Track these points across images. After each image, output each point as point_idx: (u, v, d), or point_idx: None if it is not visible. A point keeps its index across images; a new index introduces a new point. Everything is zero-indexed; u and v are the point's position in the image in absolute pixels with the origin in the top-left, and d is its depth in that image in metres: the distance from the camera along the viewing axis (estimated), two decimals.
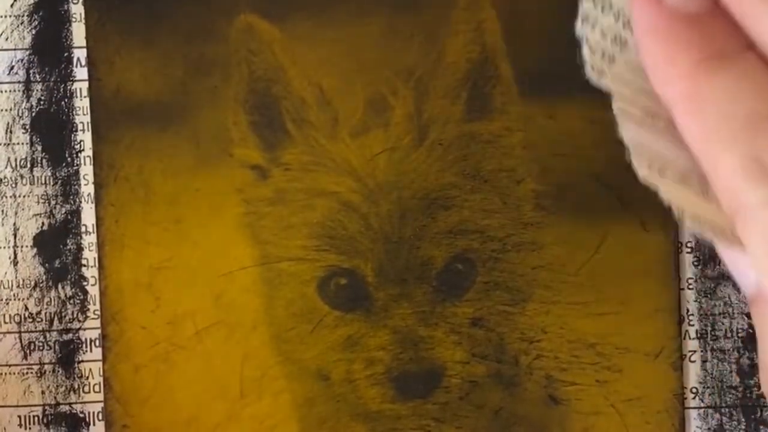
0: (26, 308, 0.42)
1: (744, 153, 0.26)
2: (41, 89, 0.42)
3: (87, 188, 0.42)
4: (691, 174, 0.28)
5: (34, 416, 0.41)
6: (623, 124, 0.29)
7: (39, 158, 0.42)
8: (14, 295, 0.42)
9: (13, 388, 0.41)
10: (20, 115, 0.42)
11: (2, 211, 0.42)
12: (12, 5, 0.42)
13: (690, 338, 0.42)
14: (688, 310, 0.42)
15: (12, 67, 0.42)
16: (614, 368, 0.42)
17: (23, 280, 0.42)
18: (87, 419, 0.42)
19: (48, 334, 0.42)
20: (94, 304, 0.42)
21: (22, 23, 0.42)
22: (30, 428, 0.41)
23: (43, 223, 0.42)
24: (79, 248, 0.42)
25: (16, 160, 0.42)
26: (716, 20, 0.27)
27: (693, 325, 0.42)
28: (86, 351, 0.42)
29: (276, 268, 0.42)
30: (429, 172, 0.42)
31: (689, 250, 0.42)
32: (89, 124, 0.42)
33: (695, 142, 0.27)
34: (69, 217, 0.42)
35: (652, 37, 0.28)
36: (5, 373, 0.41)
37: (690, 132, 0.27)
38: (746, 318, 0.42)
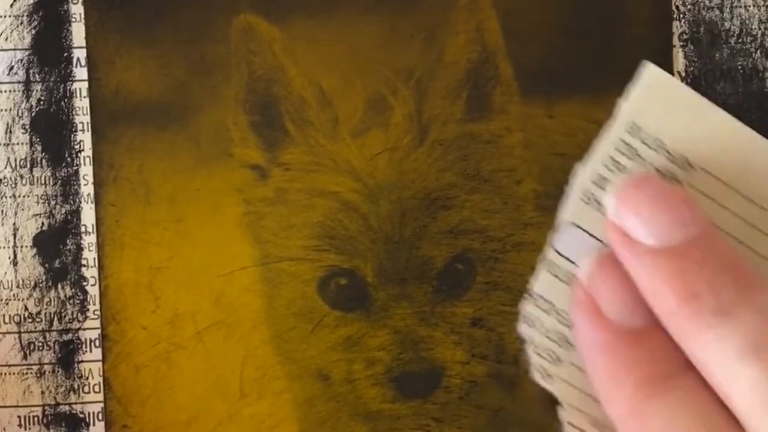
0: (26, 308, 0.41)
1: None
2: (41, 89, 0.42)
3: (87, 188, 0.42)
4: None
5: (33, 416, 0.41)
6: None
7: (39, 158, 0.42)
8: (14, 296, 0.42)
9: (12, 389, 0.41)
10: (20, 115, 0.42)
11: (2, 211, 0.42)
12: (12, 5, 0.42)
13: None
14: None
15: (12, 67, 0.42)
16: None
17: (23, 280, 0.42)
18: (87, 419, 0.41)
19: (48, 335, 0.42)
20: (94, 304, 0.42)
21: (21, 23, 0.42)
22: (30, 428, 0.41)
23: (42, 223, 0.42)
24: (79, 248, 0.42)
25: (15, 160, 0.42)
26: (657, 336, 0.28)
27: None
28: (86, 351, 0.42)
29: (276, 268, 0.42)
30: (429, 172, 0.42)
31: None
32: (89, 124, 0.42)
33: None
34: (69, 217, 0.42)
35: (594, 352, 0.29)
36: (5, 374, 0.41)
37: None
38: None
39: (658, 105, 0.29)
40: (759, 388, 0.26)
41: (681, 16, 0.43)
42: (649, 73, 0.29)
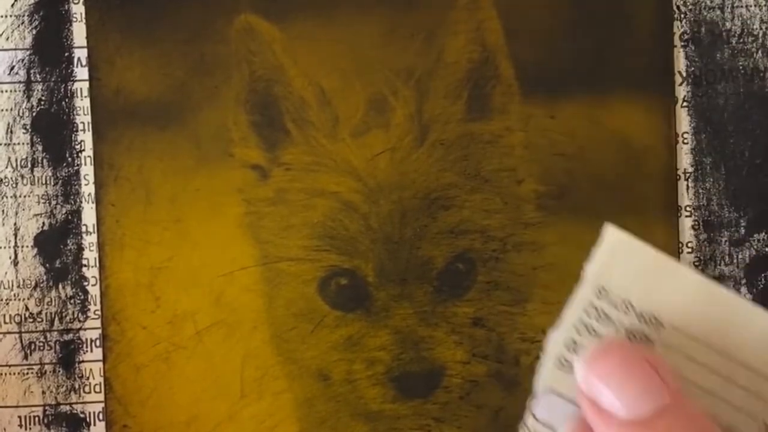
0: (27, 308, 0.42)
1: None
2: (42, 89, 0.42)
3: (87, 188, 0.42)
4: None
5: (34, 416, 0.42)
6: None
7: (39, 158, 0.42)
8: (15, 295, 0.42)
9: (13, 389, 0.41)
10: (21, 115, 0.42)
11: (3, 211, 0.42)
12: (12, 5, 0.42)
13: None
14: None
15: (13, 67, 0.42)
16: None
17: (24, 280, 0.42)
18: (87, 419, 0.42)
19: (48, 335, 0.42)
20: (95, 304, 0.42)
21: (22, 23, 0.42)
22: (30, 428, 0.41)
23: (43, 223, 0.42)
24: (80, 248, 0.42)
25: (16, 160, 0.42)
26: None
27: None
28: (87, 351, 0.42)
29: (276, 268, 0.42)
30: (429, 172, 0.42)
31: (690, 250, 0.42)
32: (90, 124, 0.42)
33: None
34: (69, 217, 0.42)
35: None
36: (6, 374, 0.41)
37: None
38: None
39: (623, 266, 0.29)
40: None
41: (682, 16, 0.42)
42: (611, 235, 0.29)
